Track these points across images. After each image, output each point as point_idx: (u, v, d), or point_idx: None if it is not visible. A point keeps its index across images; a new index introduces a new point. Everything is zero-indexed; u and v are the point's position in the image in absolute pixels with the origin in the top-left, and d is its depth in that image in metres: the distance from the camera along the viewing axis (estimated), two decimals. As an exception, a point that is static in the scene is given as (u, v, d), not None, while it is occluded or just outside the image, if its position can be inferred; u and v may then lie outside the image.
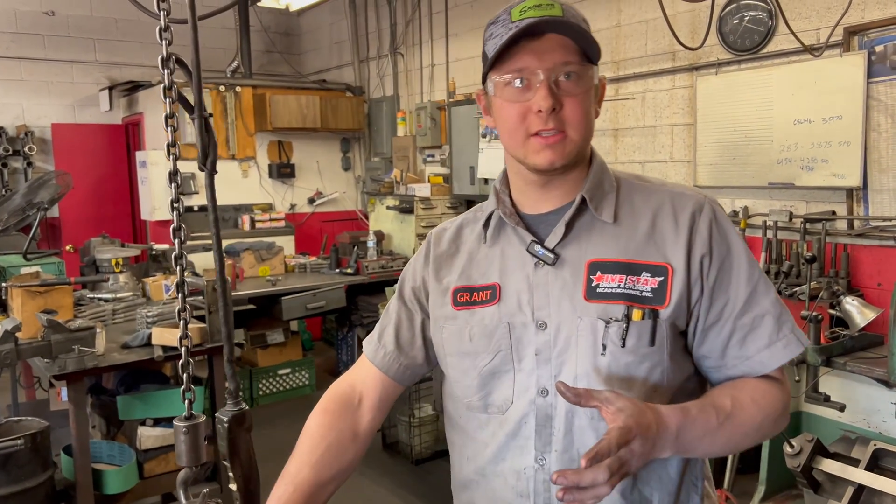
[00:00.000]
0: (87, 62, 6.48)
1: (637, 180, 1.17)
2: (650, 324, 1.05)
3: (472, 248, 1.20)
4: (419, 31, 5.86)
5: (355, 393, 1.25)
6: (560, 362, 1.07)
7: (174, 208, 0.97)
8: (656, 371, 1.06)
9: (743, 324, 1.07)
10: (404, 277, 1.29)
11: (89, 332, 2.82)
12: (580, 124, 1.05)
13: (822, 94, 3.28)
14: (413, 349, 1.24)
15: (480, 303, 1.14)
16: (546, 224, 1.13)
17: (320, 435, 1.20)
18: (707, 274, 1.07)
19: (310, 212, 6.68)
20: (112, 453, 3.12)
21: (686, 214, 1.09)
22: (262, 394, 5.21)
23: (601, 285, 1.06)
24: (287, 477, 1.16)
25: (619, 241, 1.08)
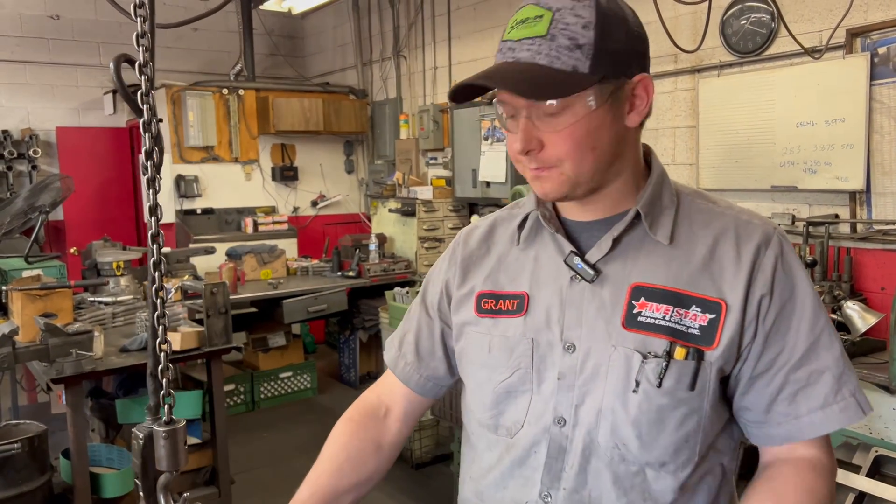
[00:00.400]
0: (92, 66, 6.50)
1: (699, 199, 1.03)
2: (693, 365, 0.93)
3: (502, 249, 1.10)
4: (422, 34, 5.86)
5: (382, 404, 1.22)
6: (584, 391, 0.97)
7: (153, 214, 0.96)
8: (692, 419, 0.94)
9: (797, 378, 0.95)
10: (428, 279, 1.22)
11: (87, 336, 2.82)
12: (570, 160, 0.92)
13: (825, 96, 3.25)
14: (433, 360, 1.18)
15: (505, 312, 1.05)
16: (589, 234, 1.02)
17: (341, 444, 1.17)
18: (764, 317, 0.94)
19: (313, 215, 6.68)
20: (111, 457, 3.12)
21: (750, 246, 0.96)
22: (264, 397, 5.20)
23: (643, 313, 0.95)
24: (307, 482, 1.14)
25: (671, 266, 0.96)
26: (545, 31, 0.89)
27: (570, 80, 0.88)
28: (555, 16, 0.89)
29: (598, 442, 0.96)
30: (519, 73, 0.89)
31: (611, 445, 0.96)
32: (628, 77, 0.93)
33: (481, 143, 4.85)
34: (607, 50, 0.89)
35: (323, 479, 1.13)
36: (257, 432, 4.71)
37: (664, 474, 0.96)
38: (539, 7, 0.90)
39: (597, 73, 0.89)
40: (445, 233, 5.41)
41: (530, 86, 0.88)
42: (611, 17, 0.90)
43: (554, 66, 0.88)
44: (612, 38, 0.89)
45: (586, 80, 0.89)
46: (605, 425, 0.95)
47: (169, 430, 1.03)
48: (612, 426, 0.95)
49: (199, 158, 6.00)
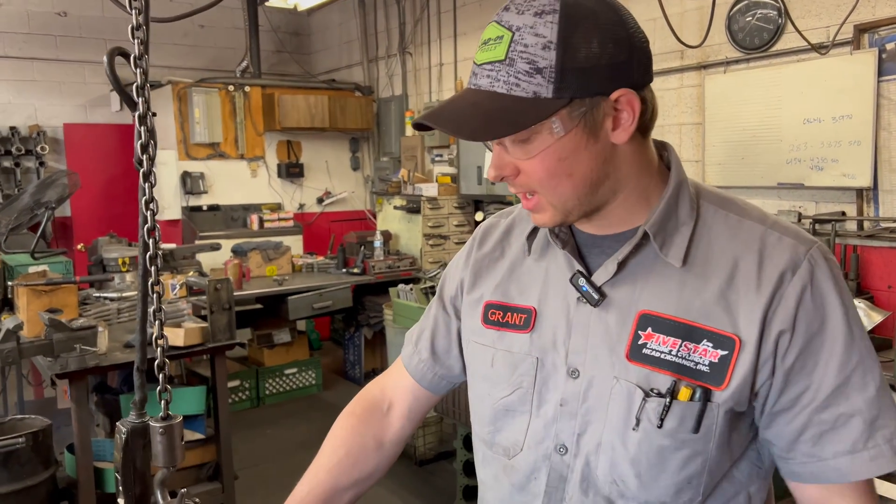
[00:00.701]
0: (99, 63, 6.50)
1: (725, 208, 0.92)
2: (698, 407, 0.86)
3: (515, 257, 1.04)
4: (427, 31, 5.85)
5: (385, 399, 1.18)
6: (586, 421, 0.91)
7: (148, 208, 0.96)
8: (695, 461, 0.88)
9: (822, 420, 0.86)
10: (446, 275, 1.16)
11: (91, 331, 2.83)
12: (546, 186, 0.86)
13: (832, 92, 3.23)
14: (449, 358, 1.14)
15: (512, 326, 0.99)
16: (600, 250, 0.95)
17: (342, 439, 1.15)
18: (784, 354, 0.85)
19: (318, 211, 6.69)
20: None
21: (773, 272, 0.86)
22: (269, 393, 5.22)
23: (649, 345, 0.88)
24: (306, 478, 1.12)
25: (683, 293, 0.88)
26: (504, 54, 0.82)
27: (528, 109, 0.81)
28: (514, 37, 0.81)
29: (597, 475, 0.92)
30: (472, 106, 0.83)
31: (609, 480, 0.91)
32: (605, 94, 0.83)
33: (486, 139, 4.83)
34: (573, 69, 0.80)
35: (321, 476, 1.11)
36: (261, 428, 4.72)
37: None
38: (500, 26, 0.83)
39: (562, 97, 0.81)
40: (450, 230, 5.40)
41: (477, 126, 0.82)
42: (578, 31, 0.80)
43: (513, 93, 0.81)
44: (581, 54, 0.80)
45: (548, 107, 0.81)
46: (605, 459, 0.91)
47: (165, 425, 1.03)
48: (611, 462, 0.90)
49: (205, 155, 6.01)
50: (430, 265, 5.24)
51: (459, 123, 0.84)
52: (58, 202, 4.23)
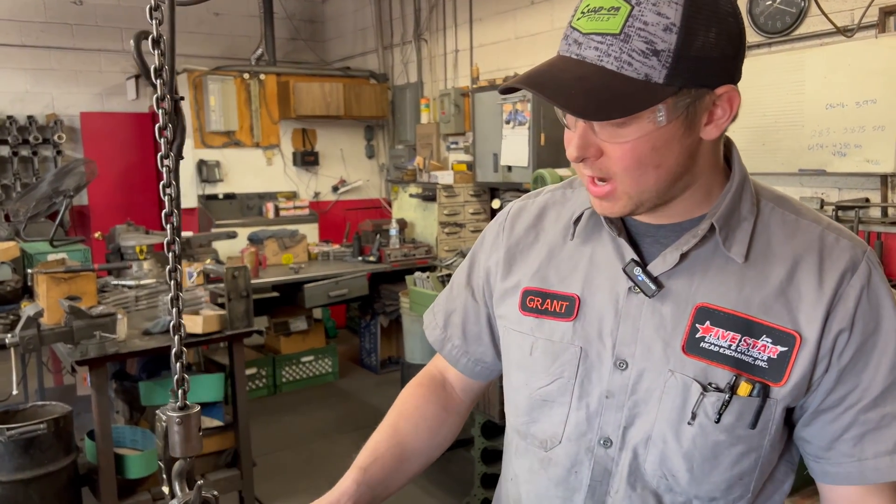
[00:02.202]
0: (115, 51, 6.54)
1: (782, 207, 0.91)
2: (758, 402, 0.84)
3: (553, 241, 1.00)
4: (443, 17, 5.80)
5: (445, 379, 1.18)
6: (634, 414, 0.89)
7: (166, 193, 0.95)
8: (749, 457, 0.87)
9: (867, 419, 0.85)
10: (473, 259, 1.12)
11: (111, 319, 2.85)
12: (628, 176, 0.82)
13: (856, 76, 3.16)
14: (481, 345, 1.11)
15: (553, 314, 0.96)
16: (654, 239, 0.92)
17: (415, 405, 1.13)
18: (841, 352, 0.85)
19: (334, 200, 6.69)
20: (135, 438, 3.16)
21: (835, 273, 0.85)
22: (286, 381, 5.24)
23: (707, 339, 0.86)
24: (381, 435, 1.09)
25: (744, 288, 0.86)
26: (619, 28, 0.76)
27: (639, 92, 0.76)
28: (633, 11, 0.75)
29: (645, 468, 0.90)
30: (577, 80, 0.77)
31: (658, 475, 0.90)
32: (711, 88, 0.80)
33: (503, 126, 4.80)
34: (689, 57, 0.76)
35: (401, 436, 1.09)
36: (279, 416, 4.74)
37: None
38: None
39: (673, 84, 0.76)
40: (466, 218, 5.38)
41: (588, 103, 0.77)
42: (701, 17, 0.76)
43: (623, 71, 0.76)
44: (698, 42, 0.76)
45: (658, 93, 0.76)
46: (655, 453, 0.89)
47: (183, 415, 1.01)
48: (662, 456, 0.89)
49: (220, 143, 6.02)
50: (445, 253, 5.23)
51: (568, 97, 0.77)
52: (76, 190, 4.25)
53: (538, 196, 1.08)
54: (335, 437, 4.29)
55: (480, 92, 5.03)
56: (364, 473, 1.02)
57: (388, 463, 1.05)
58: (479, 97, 5.05)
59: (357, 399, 5.03)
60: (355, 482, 1.01)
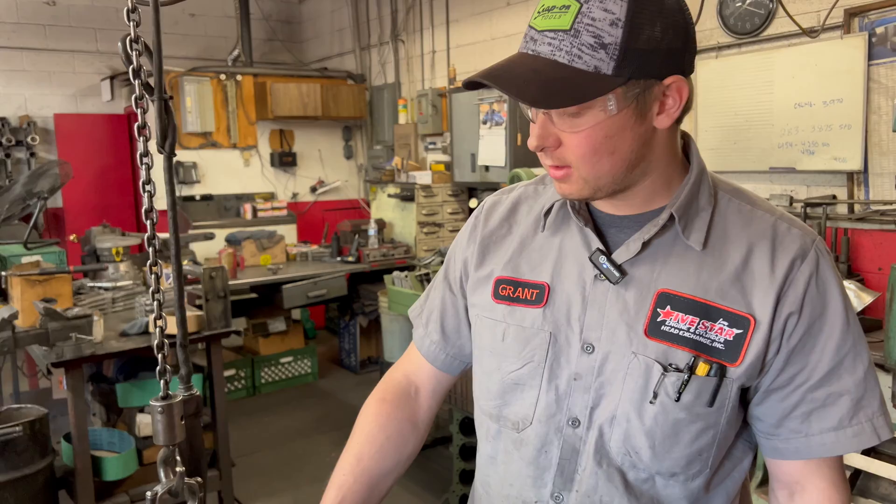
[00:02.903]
0: (89, 52, 6.48)
1: (738, 198, 0.97)
2: (714, 382, 0.90)
3: (525, 232, 1.05)
4: (420, 18, 5.83)
5: (411, 384, 1.20)
6: (600, 395, 0.94)
7: (145, 190, 0.96)
8: (707, 434, 0.93)
9: (814, 398, 0.92)
10: (451, 255, 1.17)
11: (86, 320, 2.83)
12: (585, 162, 0.87)
13: (823, 76, 3.24)
14: (459, 338, 1.15)
15: (524, 301, 1.00)
16: (618, 229, 0.97)
17: (379, 425, 1.14)
18: (790, 334, 0.91)
19: (312, 200, 6.68)
20: (112, 440, 3.15)
21: (786, 260, 0.91)
22: (265, 382, 5.23)
23: (668, 322, 0.91)
24: (346, 467, 1.10)
25: (702, 274, 0.91)
26: (569, 24, 0.81)
27: (589, 83, 0.81)
28: (582, 8, 0.81)
29: (610, 446, 0.95)
30: (532, 72, 0.83)
31: (623, 452, 0.94)
32: (659, 79, 0.85)
33: (480, 127, 4.84)
34: (636, 50, 0.81)
35: (366, 462, 1.10)
36: (257, 417, 4.73)
37: (673, 483, 0.95)
38: None
39: (621, 75, 0.82)
40: (445, 217, 5.41)
41: (539, 92, 0.82)
42: (646, 13, 0.81)
43: (574, 64, 0.81)
44: (644, 35, 0.81)
45: (607, 83, 0.81)
46: (619, 431, 0.94)
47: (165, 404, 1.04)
48: (626, 434, 0.93)
49: (197, 144, 5.99)
50: (424, 253, 5.25)
51: (521, 88, 0.83)
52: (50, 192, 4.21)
53: (512, 191, 1.13)
54: (315, 438, 4.29)
55: (458, 93, 5.06)
56: None
57: (357, 495, 1.07)
58: (456, 98, 5.08)
59: (337, 399, 5.04)
60: None
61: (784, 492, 0.99)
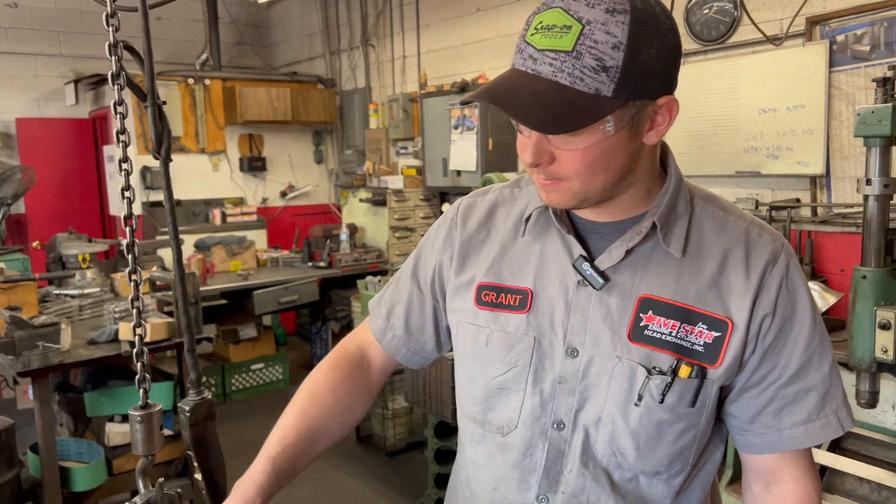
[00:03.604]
0: (52, 55, 6.36)
1: (711, 205, 1.00)
2: (696, 383, 0.93)
3: (505, 238, 1.05)
4: (390, 23, 5.83)
5: (364, 357, 1.19)
6: (585, 398, 0.96)
7: (124, 196, 0.96)
8: (689, 434, 0.96)
9: (785, 394, 0.96)
10: (420, 252, 1.16)
11: (54, 329, 2.79)
12: (579, 178, 0.88)
13: (786, 83, 3.32)
14: (423, 335, 1.15)
15: (507, 307, 1.01)
16: (599, 236, 0.99)
17: (328, 387, 1.13)
18: (765, 335, 0.94)
19: (282, 205, 6.63)
20: (80, 450, 3.09)
21: (759, 264, 0.95)
22: (235, 389, 5.17)
23: (650, 327, 0.93)
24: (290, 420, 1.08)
25: (681, 280, 0.94)
26: (571, 46, 0.81)
27: (591, 105, 0.82)
28: (584, 30, 0.81)
29: (596, 448, 0.97)
30: (535, 96, 0.83)
31: (608, 453, 0.96)
32: (653, 99, 0.87)
33: (451, 132, 4.85)
34: (635, 72, 0.82)
35: (311, 419, 1.08)
36: (229, 424, 4.68)
37: (656, 481, 0.98)
38: (568, 15, 0.82)
39: (619, 97, 0.83)
40: (417, 222, 5.41)
41: (545, 117, 0.82)
42: (644, 36, 0.82)
43: (575, 86, 0.82)
44: (642, 58, 0.82)
45: (607, 106, 0.82)
46: (605, 433, 0.96)
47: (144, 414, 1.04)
48: (611, 435, 0.95)
49: (165, 149, 5.91)
50: (396, 257, 5.25)
51: (528, 113, 0.83)
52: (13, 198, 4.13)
53: (487, 194, 1.13)
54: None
55: (429, 97, 5.07)
56: (272, 464, 1.04)
57: (297, 449, 1.06)
58: (427, 102, 5.09)
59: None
60: (264, 472, 1.03)
61: (759, 483, 1.02)
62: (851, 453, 2.46)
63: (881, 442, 2.43)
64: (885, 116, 2.12)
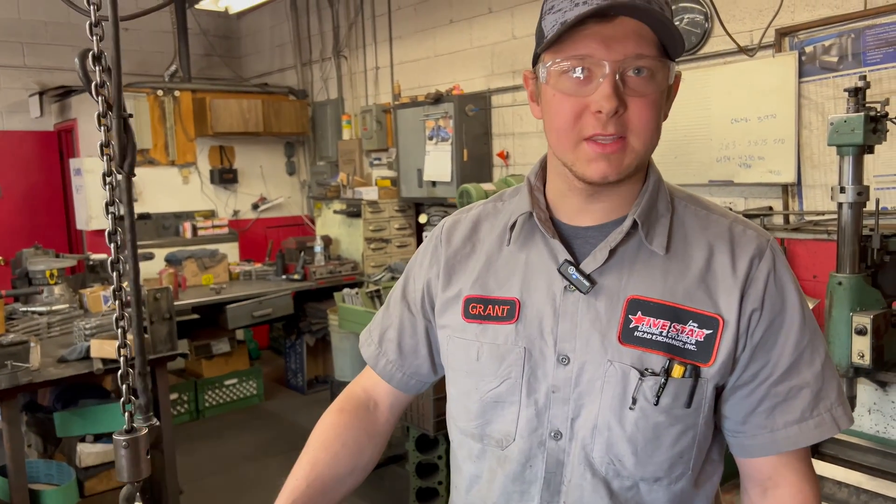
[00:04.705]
0: (16, 67, 6.22)
1: (693, 203, 1.01)
2: (690, 383, 0.92)
3: (490, 249, 1.05)
4: (362, 34, 5.82)
5: (369, 398, 1.19)
6: (579, 405, 0.95)
7: (109, 212, 0.92)
8: (687, 436, 0.94)
9: (777, 392, 0.95)
10: (408, 274, 1.16)
11: (23, 347, 2.71)
12: (645, 131, 0.89)
13: (757, 93, 3.38)
14: (417, 357, 1.14)
15: (495, 318, 1.00)
16: (583, 240, 0.98)
17: (335, 433, 1.12)
18: (753, 331, 0.94)
19: (254, 218, 6.56)
20: (50, 472, 3.00)
21: (745, 259, 0.94)
22: (209, 405, 5.08)
23: (640, 328, 0.92)
24: (300, 472, 1.07)
25: (668, 278, 0.94)
26: None
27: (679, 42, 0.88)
28: None
29: (593, 457, 0.95)
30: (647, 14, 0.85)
31: (606, 461, 0.95)
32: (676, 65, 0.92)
33: (426, 142, 4.85)
34: (680, 37, 0.89)
35: (320, 468, 1.08)
36: (203, 441, 4.59)
37: (657, 488, 0.96)
38: None
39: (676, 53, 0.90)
40: (392, 233, 5.39)
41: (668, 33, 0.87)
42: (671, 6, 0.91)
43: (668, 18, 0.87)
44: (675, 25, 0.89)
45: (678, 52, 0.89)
46: (601, 441, 0.94)
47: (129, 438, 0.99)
48: (608, 442, 0.94)
49: (133, 162, 5.80)
50: (372, 269, 5.22)
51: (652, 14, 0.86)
52: (-23, 213, 4.01)
53: (470, 210, 1.13)
54: (264, 461, 4.19)
55: (403, 108, 5.07)
56: None
57: (309, 500, 1.05)
58: (401, 113, 5.08)
59: (284, 420, 4.93)
60: None
61: (757, 489, 1.01)
62: (830, 458, 2.48)
63: (858, 446, 2.47)
64: (857, 125, 2.16)
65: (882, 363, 2.26)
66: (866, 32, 3.01)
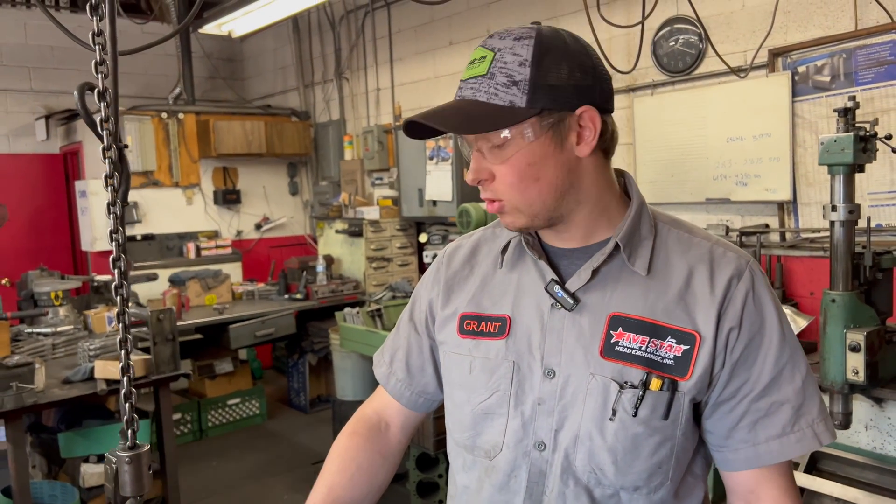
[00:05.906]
0: (23, 91, 6.31)
1: (677, 228, 1.06)
2: (667, 396, 0.96)
3: (486, 271, 1.13)
4: (364, 56, 5.90)
5: (381, 419, 1.24)
6: (563, 417, 1.00)
7: (113, 239, 0.96)
8: (665, 447, 0.99)
9: (758, 407, 0.99)
10: (415, 297, 1.24)
11: (28, 368, 2.74)
12: (512, 192, 0.97)
13: (752, 112, 3.43)
14: (424, 376, 1.20)
15: (487, 334, 1.07)
16: (569, 260, 1.05)
17: (350, 456, 1.17)
18: (732, 348, 0.98)
19: (257, 238, 6.61)
20: (54, 493, 3.02)
21: (723, 279, 0.99)
22: (212, 425, 5.09)
23: (621, 343, 0.98)
24: (317, 497, 1.13)
25: (648, 297, 0.99)
26: (486, 70, 0.94)
27: (505, 114, 0.93)
28: (496, 56, 0.94)
29: (576, 466, 1.00)
30: (457, 110, 0.95)
31: (588, 470, 0.99)
32: (570, 110, 0.95)
33: (427, 162, 4.90)
34: (545, 86, 0.92)
35: (338, 491, 1.13)
36: (206, 461, 4.60)
37: (637, 496, 1.00)
38: (484, 48, 0.96)
39: (534, 107, 0.93)
40: (393, 252, 5.43)
41: (463, 121, 0.94)
42: (550, 54, 0.93)
43: (492, 101, 0.93)
44: (552, 74, 0.93)
45: (521, 114, 0.92)
46: (583, 451, 0.99)
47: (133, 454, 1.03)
48: (589, 452, 0.99)
49: (138, 184, 5.87)
50: (374, 288, 5.25)
51: (444, 119, 0.95)
52: (-16, 236, 4.07)
53: (472, 236, 1.21)
54: (267, 481, 4.20)
55: (403, 129, 5.12)
56: None
57: None
58: (402, 134, 5.13)
59: (287, 440, 4.94)
60: None
61: (740, 503, 1.05)
62: (828, 474, 2.50)
63: (856, 462, 2.48)
64: (847, 145, 2.19)
65: (877, 380, 2.28)
66: (857, 52, 3.06)
